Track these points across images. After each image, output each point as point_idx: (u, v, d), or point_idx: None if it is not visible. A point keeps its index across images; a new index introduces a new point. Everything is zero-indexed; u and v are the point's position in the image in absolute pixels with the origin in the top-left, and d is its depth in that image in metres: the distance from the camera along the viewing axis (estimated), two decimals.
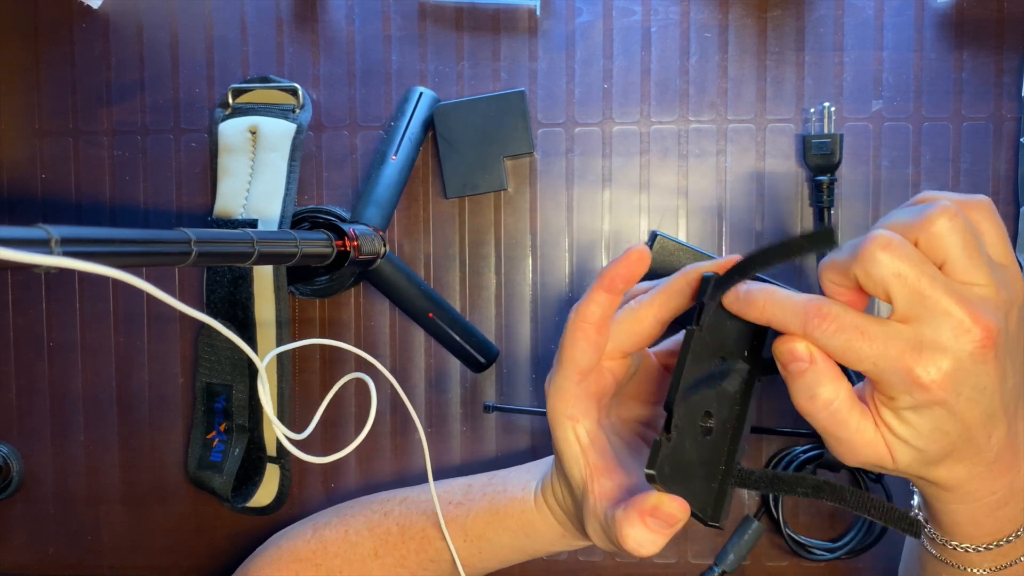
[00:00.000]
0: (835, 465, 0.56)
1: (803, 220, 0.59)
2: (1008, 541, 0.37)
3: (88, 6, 0.63)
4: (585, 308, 0.38)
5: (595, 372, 0.40)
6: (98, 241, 0.29)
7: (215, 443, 0.60)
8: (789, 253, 0.33)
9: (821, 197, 0.57)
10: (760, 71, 0.59)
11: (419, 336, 0.62)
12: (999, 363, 0.31)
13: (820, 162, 0.57)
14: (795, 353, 0.33)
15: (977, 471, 0.34)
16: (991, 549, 0.37)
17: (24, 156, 0.64)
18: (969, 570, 0.38)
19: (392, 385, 0.61)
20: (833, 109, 0.57)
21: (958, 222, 0.31)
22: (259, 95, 0.60)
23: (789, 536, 0.57)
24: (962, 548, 0.38)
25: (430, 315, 0.57)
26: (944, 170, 0.58)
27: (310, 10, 0.62)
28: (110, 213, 0.63)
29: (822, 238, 0.32)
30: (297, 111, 0.59)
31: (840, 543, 0.58)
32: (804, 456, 0.57)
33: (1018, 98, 0.57)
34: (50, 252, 0.26)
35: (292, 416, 0.62)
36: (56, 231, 0.26)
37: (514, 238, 0.61)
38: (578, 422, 0.40)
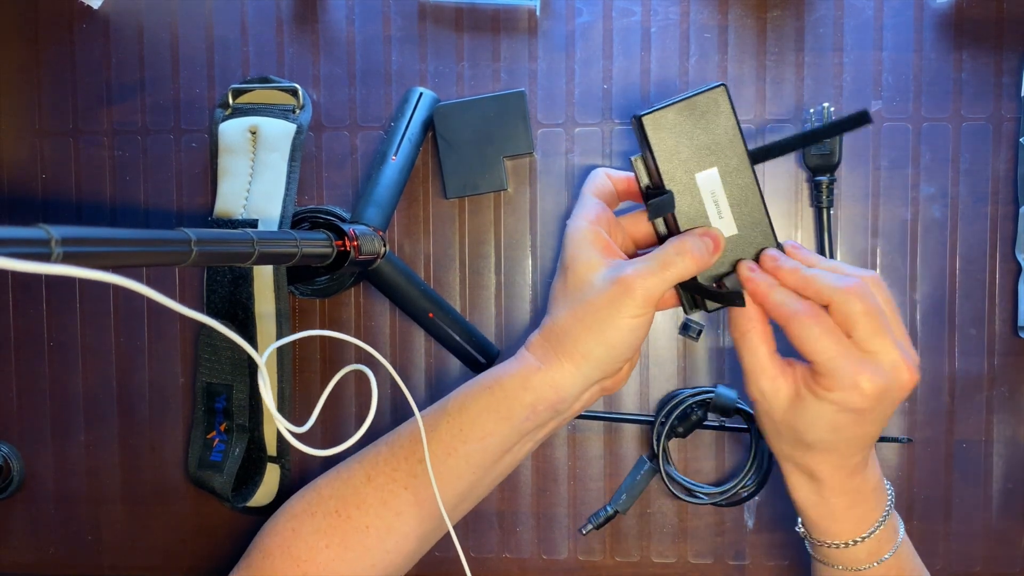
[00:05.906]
0: (726, 409, 0.58)
1: (803, 220, 0.59)
2: (863, 539, 0.46)
3: (88, 6, 0.63)
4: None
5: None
6: (98, 241, 0.29)
7: (215, 443, 0.60)
8: (826, 135, 0.42)
9: (821, 197, 0.57)
10: (760, 71, 0.59)
11: (419, 336, 0.62)
12: (893, 408, 0.43)
13: (820, 162, 0.57)
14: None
15: (839, 469, 0.44)
16: (855, 544, 0.46)
17: (24, 156, 0.64)
18: (849, 569, 0.47)
19: (391, 382, 0.62)
20: (833, 109, 0.57)
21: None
22: (259, 95, 0.60)
23: (669, 476, 0.59)
24: (834, 545, 0.47)
25: (430, 315, 0.57)
26: (944, 170, 0.58)
27: (310, 10, 0.62)
28: (110, 213, 0.63)
29: (859, 119, 0.41)
30: (297, 111, 0.59)
31: (725, 487, 0.59)
32: (692, 400, 0.58)
33: (1018, 98, 0.57)
34: (50, 252, 0.26)
35: (293, 415, 0.62)
36: (56, 231, 0.26)
37: (514, 238, 0.61)
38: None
